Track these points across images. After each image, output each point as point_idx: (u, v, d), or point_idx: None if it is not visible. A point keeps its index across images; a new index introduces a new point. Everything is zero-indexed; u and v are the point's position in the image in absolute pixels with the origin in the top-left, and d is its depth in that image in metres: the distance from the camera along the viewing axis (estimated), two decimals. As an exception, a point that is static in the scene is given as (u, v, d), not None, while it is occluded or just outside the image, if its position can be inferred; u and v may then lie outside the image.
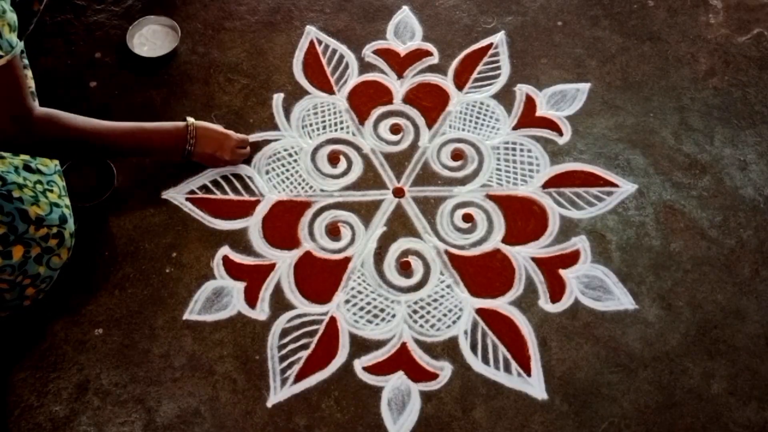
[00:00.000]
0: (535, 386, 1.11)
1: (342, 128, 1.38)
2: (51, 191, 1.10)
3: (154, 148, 1.18)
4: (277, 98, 1.40)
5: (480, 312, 1.18)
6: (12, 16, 0.89)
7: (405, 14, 1.54)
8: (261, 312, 1.17)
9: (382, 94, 1.43)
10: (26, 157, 1.11)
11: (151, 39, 1.45)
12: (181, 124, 1.20)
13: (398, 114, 1.40)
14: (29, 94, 0.95)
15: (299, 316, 1.17)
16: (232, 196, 1.29)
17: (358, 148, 1.36)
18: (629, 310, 1.18)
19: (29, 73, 1.18)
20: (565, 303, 1.19)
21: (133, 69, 1.42)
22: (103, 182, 1.25)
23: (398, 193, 1.31)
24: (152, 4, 1.52)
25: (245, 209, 1.27)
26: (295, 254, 1.23)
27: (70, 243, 1.11)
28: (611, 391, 1.11)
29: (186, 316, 1.16)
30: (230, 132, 1.28)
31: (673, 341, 1.16)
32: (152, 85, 1.41)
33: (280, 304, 1.18)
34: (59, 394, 1.09)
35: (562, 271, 1.22)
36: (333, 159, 1.34)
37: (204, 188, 1.29)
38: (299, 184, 1.31)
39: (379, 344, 1.15)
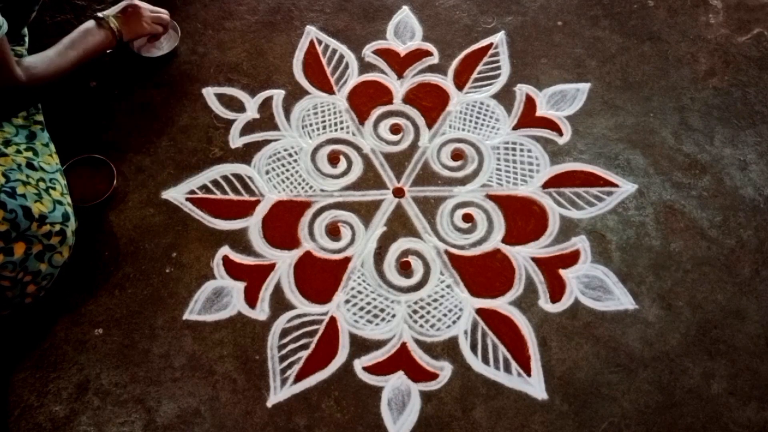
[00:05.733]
0: (535, 386, 1.11)
1: (342, 128, 1.38)
2: (54, 189, 1.10)
3: (96, 55, 1.29)
4: (277, 97, 1.41)
5: (480, 312, 1.18)
6: None
7: (405, 14, 1.54)
8: (261, 312, 1.17)
9: (382, 94, 1.43)
10: (29, 155, 1.11)
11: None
12: (103, 29, 1.28)
13: (398, 114, 1.40)
14: (15, 65, 1.08)
15: (299, 316, 1.17)
16: (232, 196, 1.29)
17: (358, 148, 1.36)
18: (629, 310, 1.18)
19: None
20: (565, 303, 1.19)
21: (133, 69, 1.42)
22: (103, 182, 1.26)
23: (398, 193, 1.31)
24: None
25: (245, 209, 1.27)
26: (295, 254, 1.23)
27: (72, 241, 1.11)
28: (611, 391, 1.11)
29: (186, 316, 1.16)
30: (139, 7, 1.34)
31: (673, 341, 1.16)
32: (152, 85, 1.41)
33: (280, 304, 1.18)
34: (59, 394, 1.09)
35: (562, 271, 1.22)
36: (333, 159, 1.34)
37: (204, 188, 1.29)
38: (299, 184, 1.31)
39: (379, 344, 1.15)
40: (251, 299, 1.18)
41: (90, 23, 1.28)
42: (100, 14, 1.30)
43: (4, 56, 1.03)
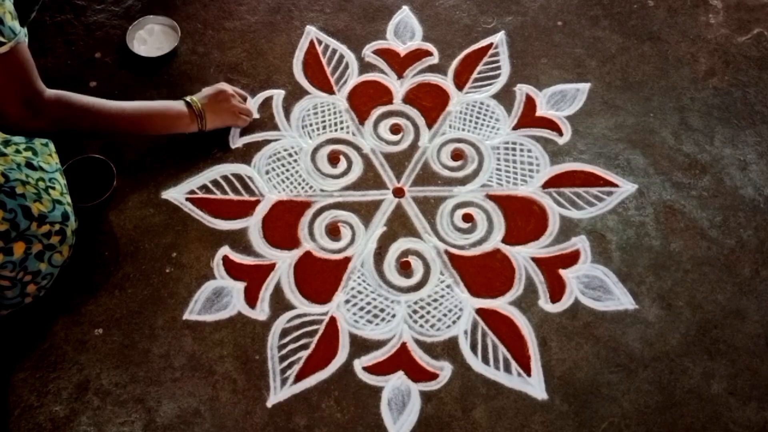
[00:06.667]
0: (535, 386, 1.11)
1: (342, 128, 1.38)
2: (53, 188, 1.10)
3: (163, 130, 1.24)
4: (277, 97, 1.41)
5: (480, 312, 1.18)
6: (10, 5, 0.92)
7: (405, 14, 1.54)
8: (261, 312, 1.17)
9: (382, 94, 1.43)
10: (29, 155, 1.11)
11: (151, 39, 1.45)
12: (184, 107, 1.24)
13: (398, 114, 1.40)
14: (38, 78, 0.99)
15: (299, 316, 1.17)
16: (232, 196, 1.29)
17: (358, 148, 1.36)
18: (629, 310, 1.18)
19: None
20: (565, 303, 1.19)
21: (133, 69, 1.42)
22: (103, 182, 1.25)
23: (398, 193, 1.31)
24: (152, 4, 1.52)
25: (245, 209, 1.27)
26: (295, 254, 1.23)
27: (72, 240, 1.11)
28: (611, 391, 1.11)
29: (186, 316, 1.16)
30: (230, 95, 1.31)
31: (673, 341, 1.16)
32: (152, 85, 1.41)
33: (280, 304, 1.18)
34: (59, 394, 1.09)
35: (562, 271, 1.22)
36: (333, 159, 1.34)
37: (204, 188, 1.29)
38: (299, 184, 1.31)
39: (379, 344, 1.15)
40: (251, 299, 1.18)
41: (177, 107, 1.23)
42: (187, 98, 1.25)
43: (23, 64, 0.95)
